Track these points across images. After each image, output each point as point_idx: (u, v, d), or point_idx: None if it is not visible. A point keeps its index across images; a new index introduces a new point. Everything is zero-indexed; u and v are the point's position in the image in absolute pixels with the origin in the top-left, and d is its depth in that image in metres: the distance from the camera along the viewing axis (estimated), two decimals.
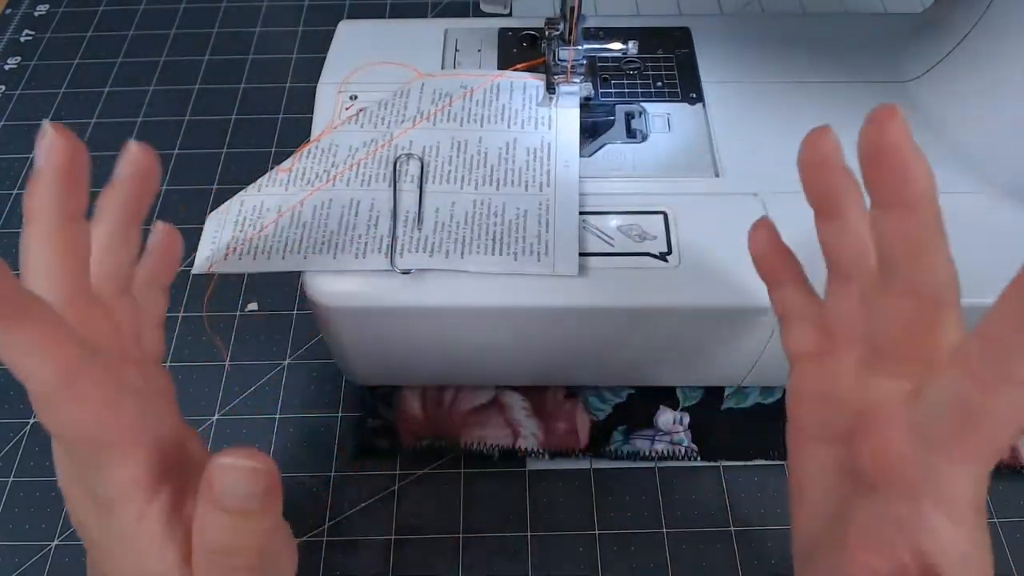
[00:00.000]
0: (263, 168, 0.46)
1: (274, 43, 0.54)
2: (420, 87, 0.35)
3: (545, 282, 0.29)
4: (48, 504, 0.35)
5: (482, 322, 0.31)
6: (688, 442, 0.36)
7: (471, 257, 0.30)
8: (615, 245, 0.31)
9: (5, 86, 0.52)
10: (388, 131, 0.33)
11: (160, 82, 0.52)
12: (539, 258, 0.30)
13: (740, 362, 0.34)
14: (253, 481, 0.16)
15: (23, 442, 0.37)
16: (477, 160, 0.33)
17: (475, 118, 0.34)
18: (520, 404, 0.38)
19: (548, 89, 0.34)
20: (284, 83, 0.51)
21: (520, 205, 0.31)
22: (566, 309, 0.30)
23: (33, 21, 0.56)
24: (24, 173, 0.47)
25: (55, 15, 0.56)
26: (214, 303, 0.41)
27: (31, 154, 0.47)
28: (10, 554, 0.34)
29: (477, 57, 0.38)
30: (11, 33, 0.55)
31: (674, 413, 0.37)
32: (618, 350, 0.34)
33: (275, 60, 0.53)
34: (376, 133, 0.33)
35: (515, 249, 0.30)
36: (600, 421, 0.37)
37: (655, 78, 0.36)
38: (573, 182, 0.32)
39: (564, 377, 0.38)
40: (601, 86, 0.36)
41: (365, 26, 0.39)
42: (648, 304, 0.30)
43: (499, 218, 0.31)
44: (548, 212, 0.31)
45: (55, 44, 0.54)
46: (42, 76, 0.52)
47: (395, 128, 0.33)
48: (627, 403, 0.38)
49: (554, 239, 0.30)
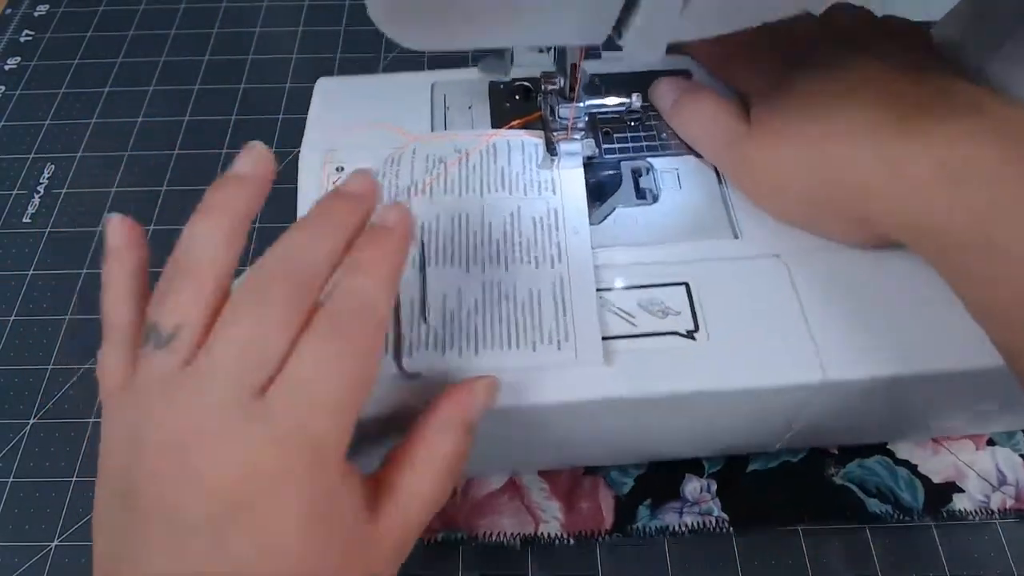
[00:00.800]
0: None
1: (274, 43, 0.54)
2: (412, 153, 0.33)
3: (567, 374, 0.27)
4: (48, 504, 0.36)
5: (497, 422, 0.28)
6: (718, 511, 0.35)
7: (486, 352, 0.27)
8: (638, 325, 0.28)
9: (5, 86, 0.52)
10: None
11: (160, 82, 0.52)
12: (559, 346, 0.27)
13: (773, 433, 0.33)
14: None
15: (23, 442, 0.37)
16: (481, 236, 0.30)
17: (474, 187, 0.31)
18: (538, 486, 0.35)
19: (548, 149, 0.32)
20: (284, 83, 0.51)
21: (532, 285, 0.29)
22: (591, 402, 0.27)
23: (33, 21, 0.56)
24: (24, 173, 0.47)
25: (55, 15, 0.56)
26: None
27: (31, 154, 0.47)
28: (10, 554, 0.34)
29: (468, 114, 0.35)
30: (11, 33, 0.55)
31: (700, 481, 0.36)
32: (644, 432, 0.32)
33: (275, 60, 0.53)
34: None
35: (533, 338, 0.27)
36: (624, 496, 0.35)
37: (659, 128, 0.34)
38: (586, 254, 0.29)
39: (584, 459, 0.36)
40: (604, 141, 0.34)
41: (346, 83, 0.36)
42: (681, 390, 0.27)
43: (511, 302, 0.28)
44: (564, 290, 0.28)
45: (55, 44, 0.54)
46: (42, 76, 0.52)
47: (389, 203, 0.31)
48: (650, 474, 0.36)
49: (573, 322, 0.28)
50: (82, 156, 0.48)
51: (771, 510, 0.35)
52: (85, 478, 0.36)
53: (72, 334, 0.40)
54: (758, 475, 0.36)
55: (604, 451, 0.34)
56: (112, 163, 0.47)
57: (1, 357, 0.39)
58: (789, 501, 0.35)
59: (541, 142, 0.33)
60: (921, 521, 0.34)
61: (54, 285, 0.42)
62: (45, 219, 0.45)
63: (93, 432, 0.37)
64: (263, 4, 0.56)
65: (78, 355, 0.40)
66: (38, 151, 0.48)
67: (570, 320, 0.28)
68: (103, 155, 0.48)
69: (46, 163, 0.47)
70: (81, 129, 0.49)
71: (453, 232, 0.30)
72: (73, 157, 0.48)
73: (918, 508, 0.34)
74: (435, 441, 0.24)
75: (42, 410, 0.38)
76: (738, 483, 0.35)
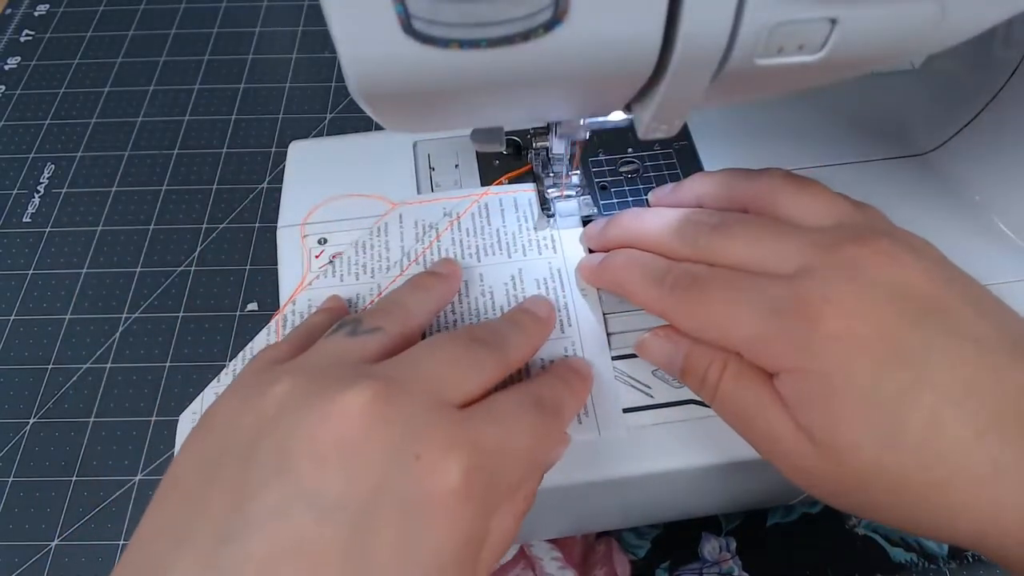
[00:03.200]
0: (264, 168, 0.46)
1: (274, 43, 0.54)
2: (398, 218, 0.31)
3: (587, 451, 0.25)
4: (48, 504, 0.36)
5: None
6: (739, 570, 0.33)
7: None
8: (655, 396, 0.27)
9: (5, 86, 0.52)
10: (374, 282, 0.29)
11: (160, 82, 0.52)
12: (579, 420, 0.26)
13: (794, 488, 0.32)
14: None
15: (23, 442, 0.37)
16: (483, 303, 0.29)
17: (470, 252, 0.30)
18: (550, 555, 0.34)
19: (542, 207, 0.31)
20: (284, 83, 0.51)
21: (543, 354, 0.27)
22: (615, 480, 0.26)
23: (33, 21, 0.56)
24: (24, 173, 0.47)
25: (55, 15, 0.56)
26: (213, 302, 0.41)
27: (31, 154, 0.47)
28: (10, 554, 0.34)
29: (456, 174, 0.33)
30: (11, 33, 0.55)
31: (719, 540, 0.34)
32: (664, 499, 0.31)
33: (275, 60, 0.53)
34: (360, 286, 0.29)
35: None
36: (640, 560, 0.34)
37: (657, 179, 0.33)
38: (596, 316, 0.28)
39: (598, 526, 0.34)
40: (601, 196, 0.32)
41: (320, 146, 0.34)
42: (703, 464, 0.26)
43: (524, 374, 0.27)
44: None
45: (55, 44, 0.54)
46: (42, 76, 0.52)
47: (381, 278, 0.29)
48: (666, 534, 0.34)
49: (592, 395, 0.26)
50: (82, 156, 0.48)
51: (794, 566, 0.33)
52: (85, 478, 0.36)
53: (72, 334, 0.40)
54: (779, 529, 0.34)
55: (619, 517, 0.33)
56: (112, 163, 0.47)
57: (1, 357, 0.40)
58: (812, 555, 0.34)
59: (535, 195, 0.32)
60: (947, 567, 0.34)
61: (54, 285, 0.42)
62: (45, 219, 0.45)
63: (93, 432, 0.37)
64: (263, 4, 0.56)
65: (78, 355, 0.40)
66: (38, 151, 0.48)
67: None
68: (103, 155, 0.48)
69: (46, 163, 0.47)
70: (81, 129, 0.49)
71: (454, 302, 0.29)
72: (73, 157, 0.48)
73: (943, 555, 0.34)
74: None
75: (42, 410, 0.38)
76: (758, 539, 0.34)
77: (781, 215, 0.24)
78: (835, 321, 0.20)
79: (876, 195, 0.27)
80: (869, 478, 0.20)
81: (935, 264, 0.21)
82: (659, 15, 0.16)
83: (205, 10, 0.56)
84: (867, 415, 0.19)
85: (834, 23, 0.16)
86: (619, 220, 0.28)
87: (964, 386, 0.19)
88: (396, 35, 0.15)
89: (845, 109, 0.35)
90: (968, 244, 0.30)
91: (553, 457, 0.23)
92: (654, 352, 0.25)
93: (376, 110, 0.18)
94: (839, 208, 0.24)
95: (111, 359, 0.39)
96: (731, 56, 0.17)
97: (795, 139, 0.34)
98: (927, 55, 0.28)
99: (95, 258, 0.43)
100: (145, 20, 0.55)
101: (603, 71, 0.17)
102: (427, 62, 0.16)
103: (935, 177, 0.33)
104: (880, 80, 0.37)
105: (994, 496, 0.18)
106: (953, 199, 0.32)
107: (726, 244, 0.24)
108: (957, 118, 0.32)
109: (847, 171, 0.33)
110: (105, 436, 0.37)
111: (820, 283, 0.21)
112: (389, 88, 0.17)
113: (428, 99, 0.18)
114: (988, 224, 0.31)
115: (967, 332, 0.19)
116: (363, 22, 0.15)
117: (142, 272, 0.42)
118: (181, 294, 0.41)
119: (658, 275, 0.24)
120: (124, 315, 0.41)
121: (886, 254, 0.21)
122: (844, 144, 0.34)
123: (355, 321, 0.23)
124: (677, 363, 0.25)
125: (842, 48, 0.17)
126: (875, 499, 0.20)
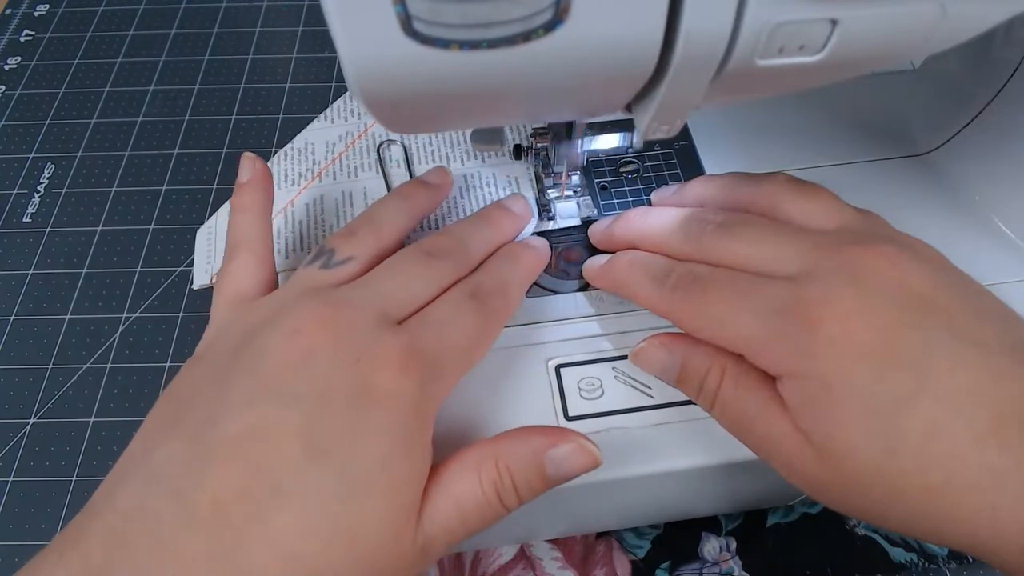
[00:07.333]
0: None
1: (274, 43, 0.54)
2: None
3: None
4: (48, 504, 0.36)
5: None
6: (739, 570, 0.34)
7: None
8: (655, 396, 0.27)
9: (5, 86, 0.52)
10: (361, 122, 0.34)
11: (160, 82, 0.52)
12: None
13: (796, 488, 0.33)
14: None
15: (23, 442, 0.37)
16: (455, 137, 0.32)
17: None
18: (551, 556, 0.34)
19: (540, 213, 0.32)
20: (284, 83, 0.51)
21: None
22: (615, 480, 0.26)
23: (33, 21, 0.56)
24: (24, 173, 0.47)
25: (55, 15, 0.56)
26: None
27: (31, 154, 0.47)
28: (10, 554, 0.34)
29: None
30: (11, 33, 0.55)
31: (719, 540, 0.34)
32: (666, 499, 0.31)
33: (275, 60, 0.53)
34: (349, 126, 0.34)
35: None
36: (640, 560, 0.34)
37: (657, 179, 0.33)
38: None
39: (598, 526, 0.35)
40: (601, 197, 0.33)
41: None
42: (703, 464, 0.26)
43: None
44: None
45: (55, 44, 0.54)
46: (42, 76, 0.52)
47: (368, 118, 0.34)
48: (666, 534, 0.35)
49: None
50: (82, 156, 0.48)
51: (794, 566, 0.34)
52: (85, 478, 0.36)
53: (72, 334, 0.40)
54: (779, 529, 0.35)
55: (619, 517, 0.34)
56: (112, 163, 0.47)
57: (1, 357, 0.40)
58: (812, 556, 0.34)
59: (532, 198, 0.32)
60: (947, 568, 0.34)
61: (54, 285, 0.42)
62: (45, 219, 0.45)
63: (93, 432, 0.37)
64: (263, 4, 0.56)
65: (78, 355, 0.40)
66: (38, 151, 0.48)
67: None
68: (103, 155, 0.48)
69: (46, 163, 0.47)
70: (81, 129, 0.49)
71: (432, 135, 0.33)
72: (73, 157, 0.48)
73: (943, 555, 0.34)
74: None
75: (42, 410, 0.38)
76: (759, 539, 0.34)
77: (784, 219, 0.25)
78: (835, 324, 0.20)
79: (876, 195, 0.27)
80: (868, 482, 0.20)
81: (937, 268, 0.21)
82: (660, 15, 0.16)
83: (205, 10, 0.56)
84: (866, 420, 0.19)
85: (835, 24, 0.16)
86: (624, 217, 0.28)
87: (965, 391, 0.19)
88: (396, 36, 0.15)
89: (845, 109, 0.35)
90: (968, 244, 0.30)
91: (560, 462, 0.23)
92: (650, 361, 0.25)
93: (376, 111, 0.18)
94: (842, 213, 0.24)
95: (111, 359, 0.39)
96: (732, 56, 0.17)
97: (795, 139, 0.34)
98: (927, 55, 0.28)
99: (95, 258, 0.43)
100: (145, 20, 0.55)
101: (604, 72, 0.17)
102: (427, 63, 0.16)
103: (935, 177, 0.33)
104: (880, 80, 0.37)
105: (992, 501, 0.18)
106: (953, 199, 0.32)
107: (729, 243, 0.24)
108: (957, 118, 0.32)
109: (847, 171, 0.33)
110: (105, 436, 0.37)
111: (821, 286, 0.21)
112: (389, 89, 0.17)
113: (428, 100, 0.18)
114: (988, 224, 0.31)
115: (968, 336, 0.19)
116: (363, 23, 0.15)
117: (142, 272, 0.42)
118: (181, 294, 0.41)
119: (660, 275, 0.25)
120: (124, 315, 0.41)
121: (887, 257, 0.21)
122: (844, 144, 0.34)
123: (329, 252, 0.25)
124: (674, 371, 0.25)
125: (843, 49, 0.17)
126: (874, 503, 0.20)
